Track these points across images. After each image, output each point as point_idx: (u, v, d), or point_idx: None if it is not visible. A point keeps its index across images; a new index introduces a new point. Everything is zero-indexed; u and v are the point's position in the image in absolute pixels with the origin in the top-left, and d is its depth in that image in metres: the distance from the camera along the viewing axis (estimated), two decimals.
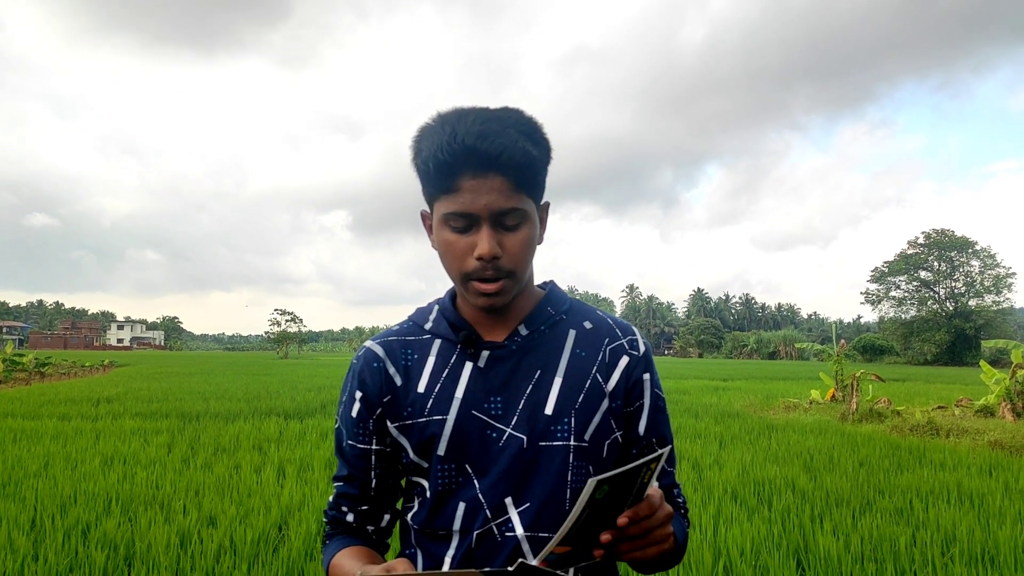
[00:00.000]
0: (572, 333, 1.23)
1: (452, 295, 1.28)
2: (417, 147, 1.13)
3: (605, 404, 1.20)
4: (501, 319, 1.22)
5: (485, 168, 1.07)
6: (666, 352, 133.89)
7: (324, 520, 1.31)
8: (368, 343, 1.26)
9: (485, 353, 1.19)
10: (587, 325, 1.25)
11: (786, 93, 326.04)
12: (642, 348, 1.26)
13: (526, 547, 1.13)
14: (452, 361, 1.20)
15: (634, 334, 1.26)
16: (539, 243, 1.20)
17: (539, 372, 1.19)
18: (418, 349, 1.23)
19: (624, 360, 1.23)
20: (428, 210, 1.19)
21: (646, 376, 1.25)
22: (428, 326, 1.25)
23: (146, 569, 4.03)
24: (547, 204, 1.23)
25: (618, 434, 1.22)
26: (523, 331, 1.21)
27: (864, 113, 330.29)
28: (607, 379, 1.21)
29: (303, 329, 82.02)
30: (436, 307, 1.27)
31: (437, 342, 1.23)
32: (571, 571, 1.14)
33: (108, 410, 12.35)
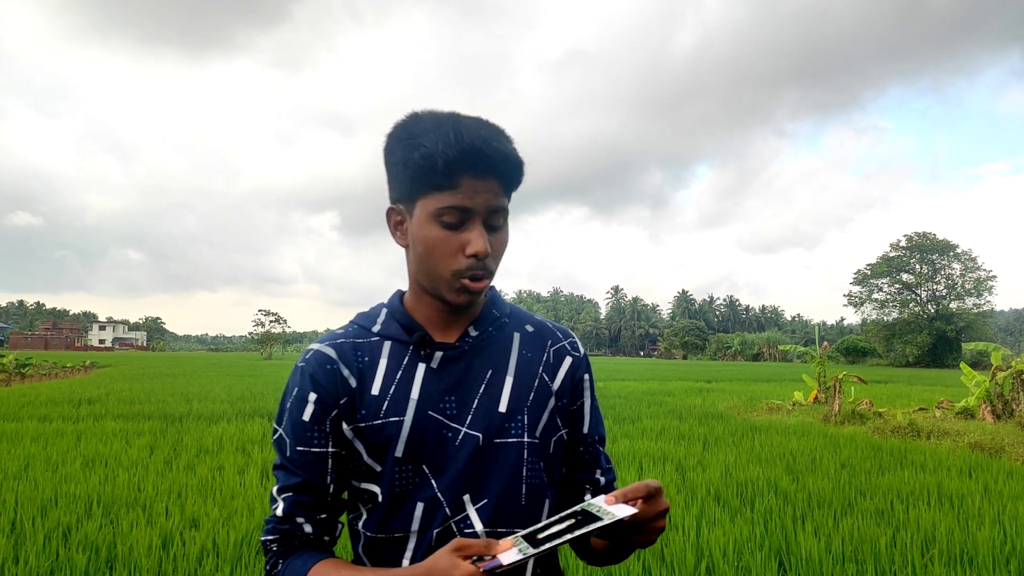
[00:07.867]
0: (517, 335, 1.28)
1: (399, 297, 1.28)
2: (415, 141, 1.11)
3: (552, 403, 1.26)
4: (452, 320, 1.24)
5: (485, 170, 1.12)
6: (651, 354, 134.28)
7: (267, 539, 1.20)
8: (316, 346, 1.24)
9: (438, 354, 1.21)
10: (529, 328, 1.31)
11: (775, 97, 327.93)
12: (582, 350, 1.34)
13: None
14: (405, 363, 1.21)
15: (574, 337, 1.35)
16: None
17: (491, 372, 1.22)
18: (368, 351, 1.22)
19: (568, 360, 1.30)
20: (400, 207, 1.19)
21: (586, 376, 1.33)
22: (376, 328, 1.25)
23: (128, 572, 4.01)
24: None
25: (563, 432, 1.29)
26: (473, 332, 1.24)
27: (851, 117, 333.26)
28: (553, 378, 1.27)
29: (287, 330, 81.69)
30: (384, 310, 1.27)
31: (387, 344, 1.23)
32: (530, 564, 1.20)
33: (89, 411, 12.24)
